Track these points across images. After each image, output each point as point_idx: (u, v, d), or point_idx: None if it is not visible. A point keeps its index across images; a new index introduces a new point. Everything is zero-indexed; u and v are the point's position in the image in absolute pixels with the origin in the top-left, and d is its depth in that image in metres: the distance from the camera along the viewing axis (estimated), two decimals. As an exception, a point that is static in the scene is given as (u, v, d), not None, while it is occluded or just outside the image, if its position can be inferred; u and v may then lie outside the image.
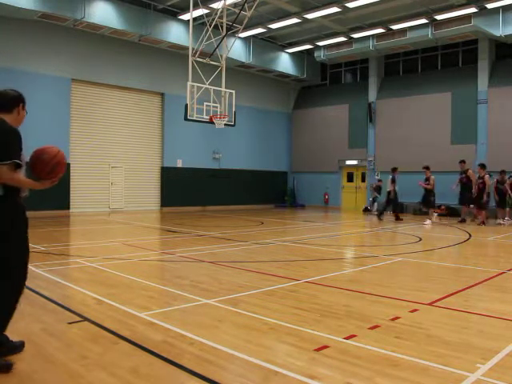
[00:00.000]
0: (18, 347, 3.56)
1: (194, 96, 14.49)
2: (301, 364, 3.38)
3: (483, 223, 14.66)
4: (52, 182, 3.46)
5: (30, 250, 3.58)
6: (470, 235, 12.19)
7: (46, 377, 3.22)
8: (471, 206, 15.41)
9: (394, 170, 16.59)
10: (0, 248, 3.30)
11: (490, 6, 16.54)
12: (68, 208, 17.28)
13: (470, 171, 15.59)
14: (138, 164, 19.49)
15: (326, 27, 19.68)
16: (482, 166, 14.72)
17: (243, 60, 20.80)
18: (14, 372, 3.24)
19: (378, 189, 20.25)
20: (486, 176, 14.58)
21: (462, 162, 15.92)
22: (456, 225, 14.99)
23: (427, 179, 15.70)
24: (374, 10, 17.64)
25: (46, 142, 4.16)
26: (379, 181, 20.53)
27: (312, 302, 5.12)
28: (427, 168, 15.80)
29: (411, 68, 22.08)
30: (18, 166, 3.26)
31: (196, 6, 15.29)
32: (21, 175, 3.32)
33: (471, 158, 19.10)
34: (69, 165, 16.69)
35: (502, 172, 15.18)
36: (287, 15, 18.38)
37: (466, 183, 15.43)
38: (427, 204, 16.00)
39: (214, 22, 15.01)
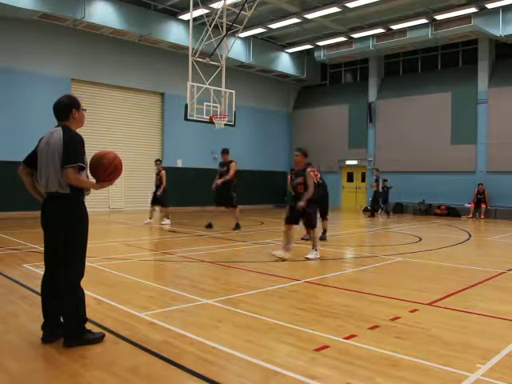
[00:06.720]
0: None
1: (194, 96, 14.47)
2: (301, 364, 3.38)
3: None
4: (109, 183, 3.84)
5: (30, 249, 3.60)
6: (470, 235, 12.20)
7: (46, 377, 3.22)
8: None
9: None
10: (66, 240, 3.67)
11: (489, 5, 16.53)
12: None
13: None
14: (138, 164, 19.47)
15: (326, 27, 19.68)
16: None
17: (243, 60, 20.79)
18: (13, 372, 3.24)
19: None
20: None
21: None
22: (456, 225, 15.00)
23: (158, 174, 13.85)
24: (374, 10, 17.63)
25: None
26: (377, 181, 20.45)
27: (312, 302, 5.12)
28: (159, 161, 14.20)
29: (411, 68, 22.08)
30: (81, 169, 3.65)
31: (196, 6, 15.28)
32: (84, 177, 3.71)
33: (471, 158, 19.14)
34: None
35: (307, 164, 8.50)
36: (287, 15, 18.38)
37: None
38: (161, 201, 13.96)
39: (214, 22, 15.01)
